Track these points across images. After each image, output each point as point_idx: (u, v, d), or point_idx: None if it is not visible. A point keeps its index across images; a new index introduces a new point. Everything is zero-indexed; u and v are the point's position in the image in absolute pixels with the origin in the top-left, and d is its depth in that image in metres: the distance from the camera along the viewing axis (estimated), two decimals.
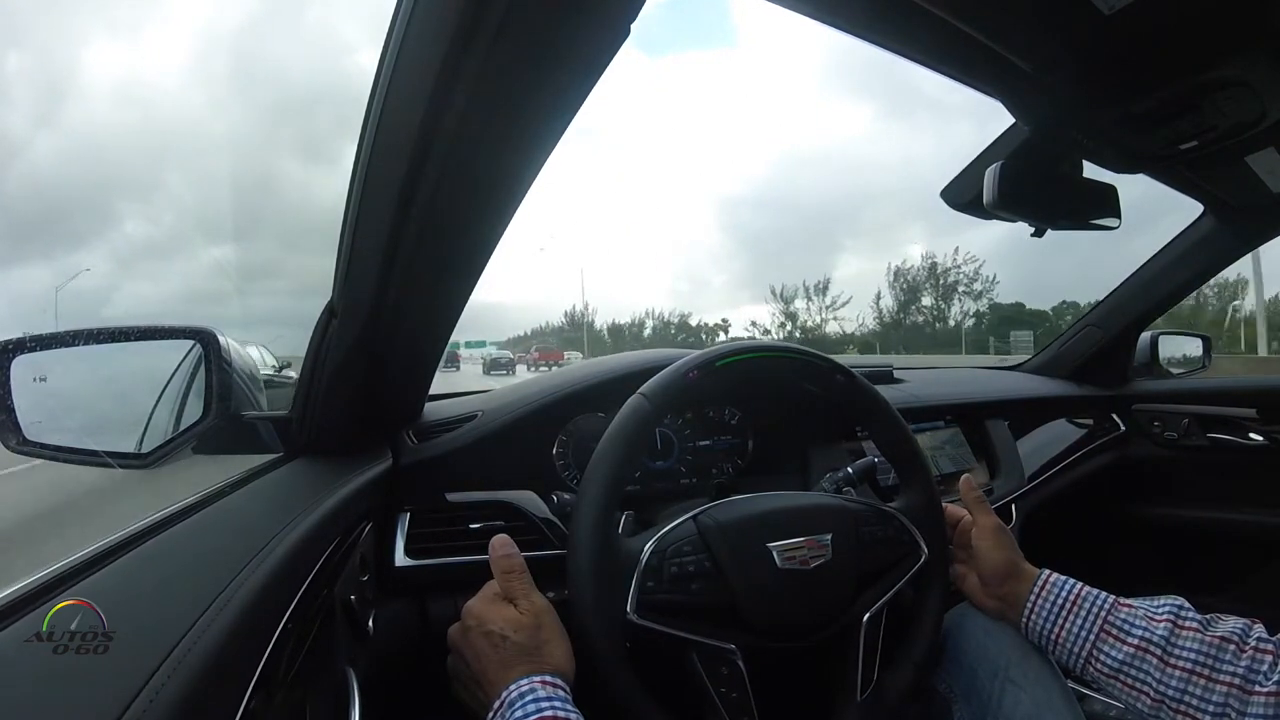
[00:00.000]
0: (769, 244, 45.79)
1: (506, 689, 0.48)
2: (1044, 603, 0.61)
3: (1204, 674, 0.53)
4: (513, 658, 0.50)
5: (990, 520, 0.67)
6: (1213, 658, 0.54)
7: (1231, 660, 0.53)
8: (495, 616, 0.53)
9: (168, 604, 0.36)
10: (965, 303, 36.14)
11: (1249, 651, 0.53)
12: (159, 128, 46.73)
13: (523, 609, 0.53)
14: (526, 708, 0.46)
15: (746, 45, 58.61)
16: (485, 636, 0.52)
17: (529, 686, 0.48)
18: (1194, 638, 0.55)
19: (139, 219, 43.55)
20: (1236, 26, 0.58)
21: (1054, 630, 0.60)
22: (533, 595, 0.55)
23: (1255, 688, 0.51)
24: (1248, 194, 1.05)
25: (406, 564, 0.73)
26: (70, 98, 46.49)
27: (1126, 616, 0.58)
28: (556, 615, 0.54)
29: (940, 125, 45.74)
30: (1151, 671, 0.55)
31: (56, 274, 42.43)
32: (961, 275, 36.18)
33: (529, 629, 0.52)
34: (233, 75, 50.87)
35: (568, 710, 0.47)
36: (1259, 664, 0.52)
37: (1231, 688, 0.52)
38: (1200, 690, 0.53)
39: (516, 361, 27.71)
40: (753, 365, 0.63)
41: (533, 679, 0.48)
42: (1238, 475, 1.36)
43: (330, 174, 49.96)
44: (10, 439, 0.50)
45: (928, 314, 36.46)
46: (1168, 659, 0.55)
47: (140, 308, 40.42)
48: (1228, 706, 0.52)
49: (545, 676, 0.49)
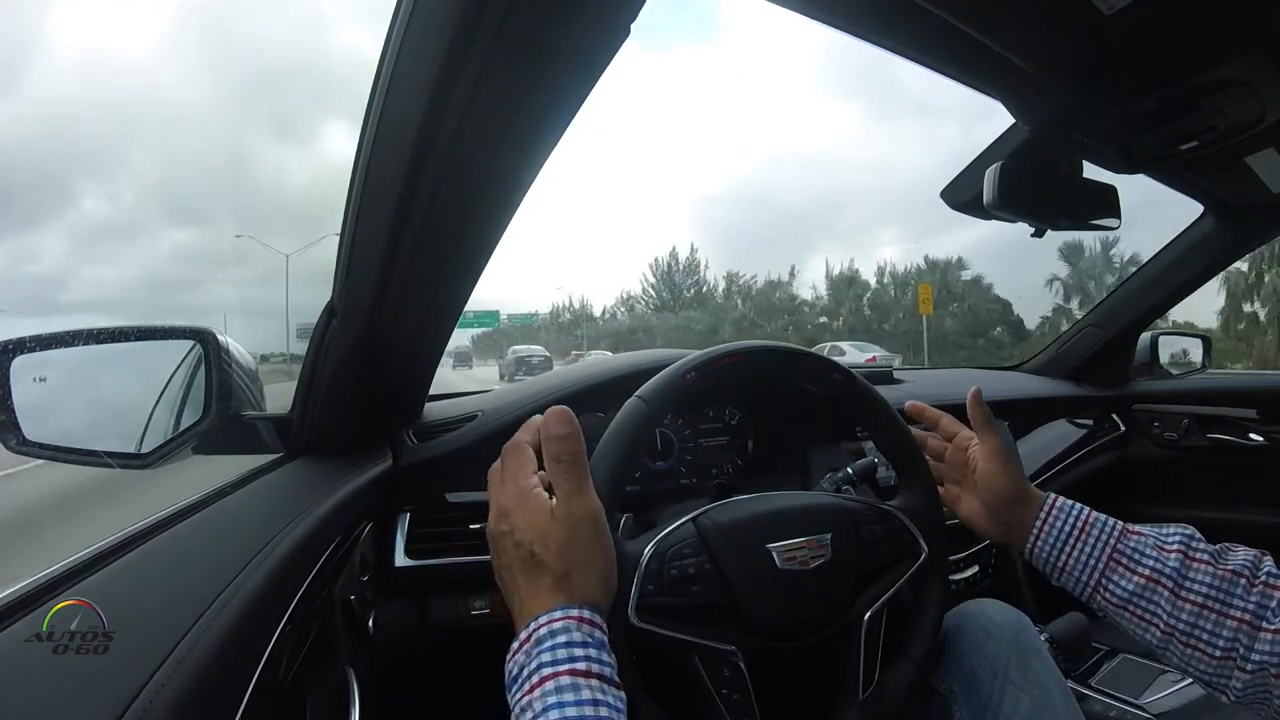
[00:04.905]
0: (739, 243, 45.64)
1: (535, 620, 0.41)
2: (1050, 528, 0.59)
3: (1215, 609, 0.52)
4: (541, 578, 0.43)
5: (996, 441, 0.63)
6: (1224, 592, 0.53)
7: (1243, 595, 0.52)
8: (524, 522, 0.44)
9: (168, 604, 0.36)
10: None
11: (1259, 586, 0.52)
12: (122, 98, 45.70)
13: (558, 514, 0.44)
14: (557, 653, 0.39)
15: (731, 42, 58.46)
16: (515, 546, 0.44)
17: (561, 623, 0.41)
18: (1206, 570, 0.54)
19: (98, 197, 42.52)
20: (1236, 26, 0.58)
21: (1061, 558, 0.58)
22: (575, 499, 0.45)
23: (1264, 624, 0.51)
24: (1248, 194, 1.05)
25: (406, 564, 0.73)
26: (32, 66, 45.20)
27: (1136, 544, 0.56)
28: (599, 524, 0.45)
29: (924, 129, 45.55)
30: (1163, 604, 0.54)
31: (11, 256, 41.33)
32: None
33: (560, 544, 0.43)
34: (203, 44, 49.95)
35: (603, 662, 0.40)
36: (1268, 600, 0.52)
37: (1241, 623, 0.51)
38: (1211, 625, 0.52)
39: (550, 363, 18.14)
40: (751, 366, 0.63)
41: (568, 611, 0.41)
42: (1238, 475, 1.36)
43: (303, 153, 49.37)
44: (10, 439, 0.50)
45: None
46: (1180, 592, 0.54)
47: (99, 293, 39.46)
48: (1236, 642, 0.51)
49: (579, 610, 0.42)
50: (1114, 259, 20.48)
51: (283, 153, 50.28)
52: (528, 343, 27.20)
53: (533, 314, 33.57)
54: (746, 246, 45.30)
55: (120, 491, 2.79)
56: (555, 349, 27.97)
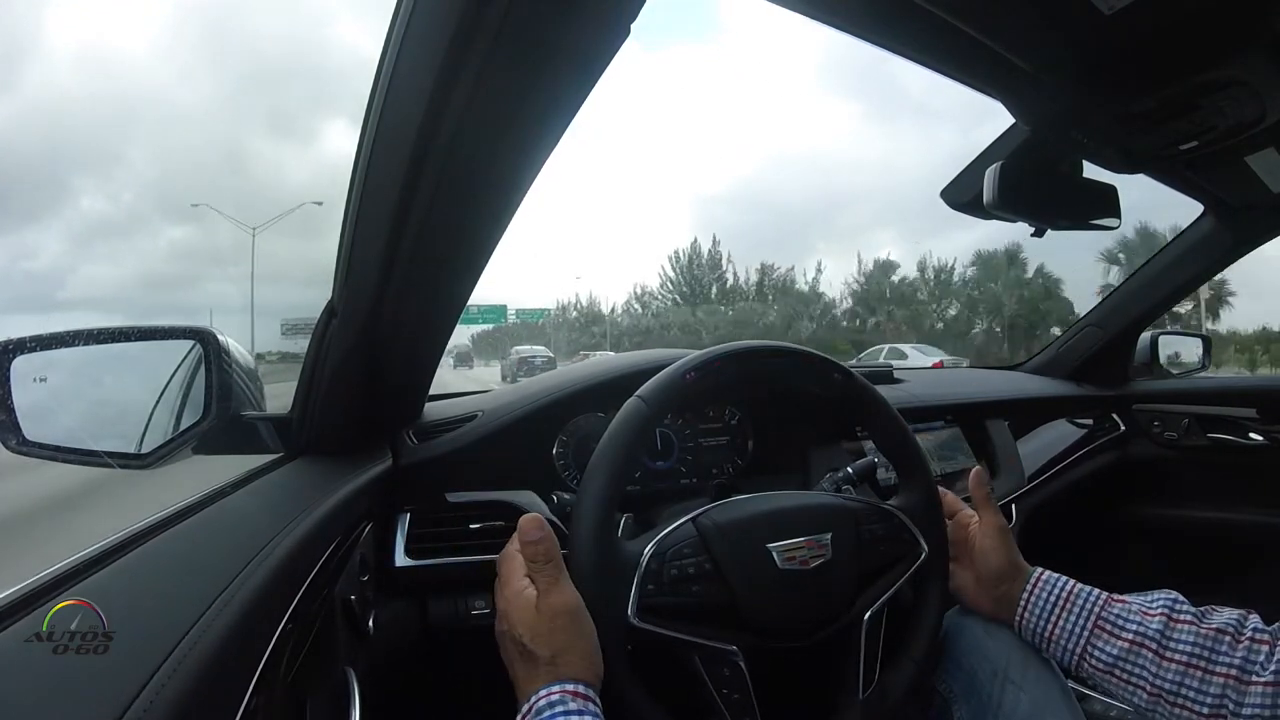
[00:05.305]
0: (740, 243, 45.43)
1: (535, 694, 0.46)
2: (1037, 600, 0.61)
3: (1200, 666, 0.53)
4: (533, 665, 0.48)
5: (997, 520, 0.66)
6: (1209, 649, 0.53)
7: (1228, 651, 0.53)
8: (516, 619, 0.50)
9: (168, 604, 0.36)
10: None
11: (1245, 642, 0.53)
12: (120, 94, 45.08)
13: (541, 609, 0.50)
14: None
15: (730, 42, 58.20)
16: (512, 640, 0.50)
17: (558, 696, 0.46)
18: (1189, 630, 0.55)
19: (96, 195, 41.99)
20: (1236, 26, 0.58)
21: (1047, 628, 0.60)
22: (552, 594, 0.50)
23: (1252, 678, 0.51)
24: (1248, 194, 1.06)
25: (406, 564, 0.73)
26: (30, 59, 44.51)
27: (1120, 612, 0.58)
28: (576, 613, 0.50)
29: (924, 129, 45.33)
30: (1147, 665, 0.55)
31: (8, 252, 40.89)
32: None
33: (544, 636, 0.49)
34: (202, 41, 49.29)
35: None
36: (1255, 654, 0.52)
37: (1228, 679, 0.52)
38: (1197, 682, 0.53)
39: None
40: (751, 365, 0.63)
41: (564, 686, 0.46)
42: (1238, 475, 1.36)
43: (303, 152, 48.92)
44: (10, 439, 0.50)
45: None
46: (1163, 652, 0.55)
47: (96, 291, 38.89)
48: (1225, 698, 0.52)
49: (572, 685, 0.46)
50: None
51: (280, 150, 50.11)
52: (536, 341, 26.52)
53: (543, 310, 31.74)
54: (747, 247, 45.31)
55: (120, 492, 2.79)
56: (568, 348, 26.74)
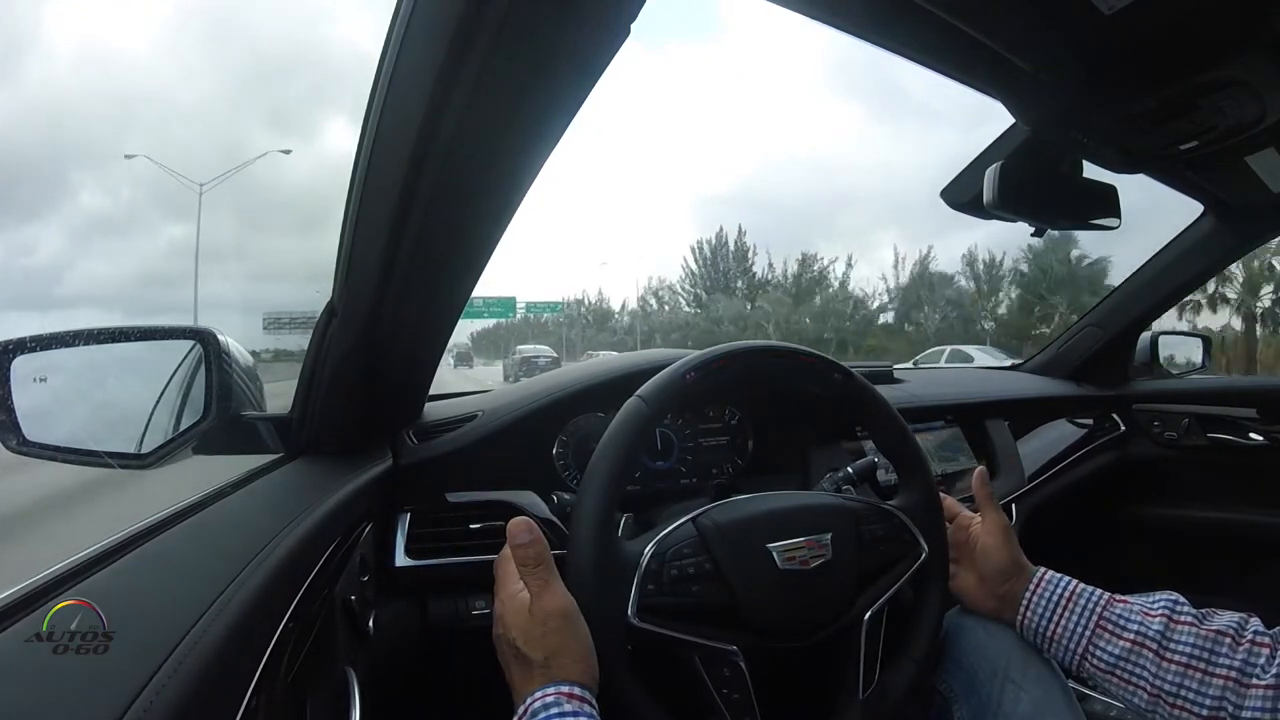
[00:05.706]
0: (741, 243, 45.30)
1: (530, 696, 0.46)
2: (1039, 600, 0.61)
3: (1200, 667, 0.53)
4: (528, 668, 0.48)
5: (999, 518, 0.66)
6: (1209, 651, 0.54)
7: (1228, 653, 0.53)
8: (511, 623, 0.50)
9: (168, 604, 0.36)
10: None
11: (1245, 644, 0.53)
12: (120, 91, 44.56)
13: (534, 612, 0.50)
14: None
15: (731, 42, 57.99)
16: (507, 643, 0.50)
17: (553, 698, 0.45)
18: (1190, 632, 0.55)
19: (95, 190, 41.73)
20: (1236, 26, 0.58)
21: (1049, 627, 0.60)
22: (544, 596, 0.50)
23: (1252, 681, 0.51)
24: (1248, 194, 1.05)
25: (406, 564, 0.73)
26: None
27: (1121, 612, 0.58)
28: (571, 616, 0.50)
29: (924, 130, 45.14)
30: (1148, 666, 0.55)
31: (7, 247, 40.65)
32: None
33: (538, 639, 0.48)
34: (202, 37, 48.94)
35: None
36: (1255, 657, 0.52)
37: (1228, 681, 0.52)
38: (1197, 684, 0.53)
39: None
40: (751, 365, 0.63)
41: (559, 688, 0.46)
42: (1238, 475, 1.36)
43: (303, 148, 48.54)
44: (10, 439, 0.50)
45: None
46: (1164, 653, 0.55)
47: (93, 289, 38.54)
48: (1224, 700, 0.52)
49: (567, 687, 0.46)
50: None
51: (279, 147, 49.89)
52: (543, 340, 25.74)
53: (557, 303, 29.00)
54: (747, 247, 45.11)
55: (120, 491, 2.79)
56: (581, 347, 25.58)
